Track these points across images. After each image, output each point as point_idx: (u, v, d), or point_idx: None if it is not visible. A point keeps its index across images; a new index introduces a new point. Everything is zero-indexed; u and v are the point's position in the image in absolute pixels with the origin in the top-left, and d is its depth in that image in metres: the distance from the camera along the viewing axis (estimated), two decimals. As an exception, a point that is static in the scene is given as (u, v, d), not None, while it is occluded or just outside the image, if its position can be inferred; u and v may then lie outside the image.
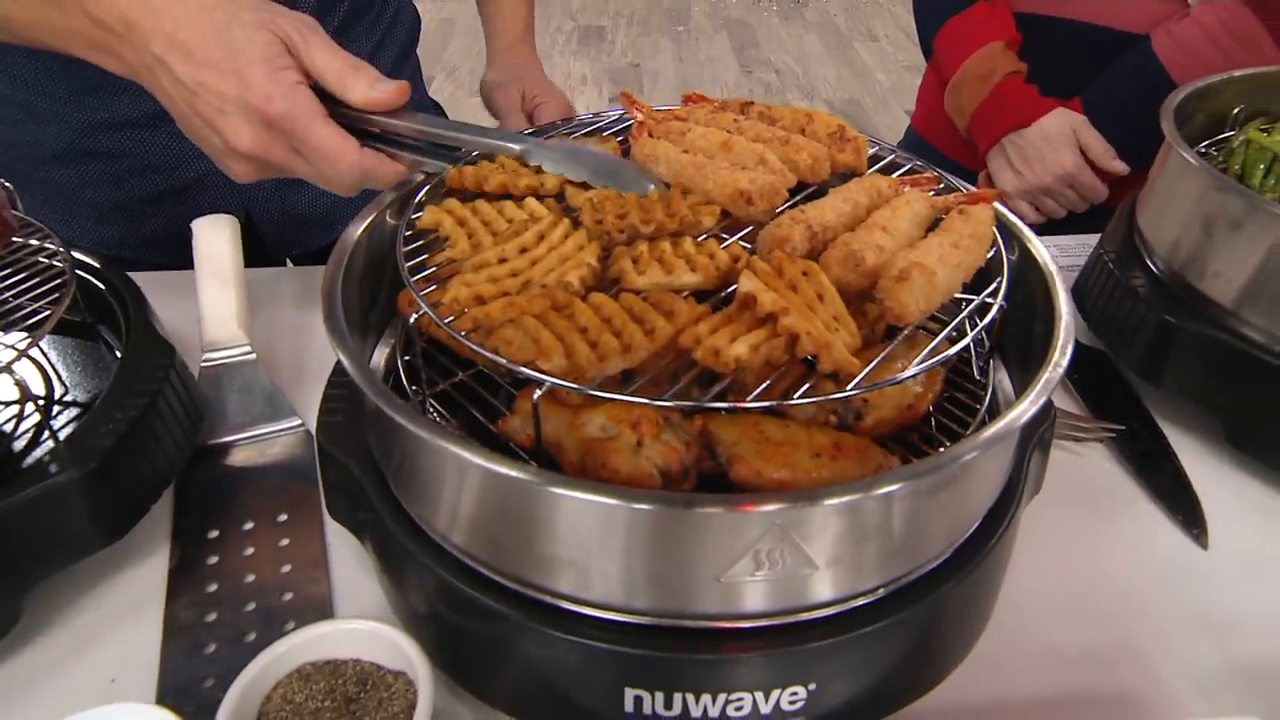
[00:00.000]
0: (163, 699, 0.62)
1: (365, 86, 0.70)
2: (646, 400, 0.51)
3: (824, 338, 0.51)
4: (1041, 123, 1.27)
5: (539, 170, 0.72)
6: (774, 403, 0.52)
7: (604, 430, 0.54)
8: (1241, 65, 1.03)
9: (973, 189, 0.72)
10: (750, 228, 0.67)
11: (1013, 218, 0.71)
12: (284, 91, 0.68)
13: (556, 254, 0.61)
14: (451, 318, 0.57)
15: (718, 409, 0.55)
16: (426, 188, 0.73)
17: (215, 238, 0.92)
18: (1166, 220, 0.89)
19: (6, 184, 0.77)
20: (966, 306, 0.62)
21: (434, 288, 0.62)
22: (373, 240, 0.71)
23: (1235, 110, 1.01)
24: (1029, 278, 0.67)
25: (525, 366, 0.52)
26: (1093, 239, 1.04)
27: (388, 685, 0.59)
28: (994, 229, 0.66)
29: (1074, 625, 0.70)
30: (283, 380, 0.88)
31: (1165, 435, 0.86)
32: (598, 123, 0.83)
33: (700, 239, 0.64)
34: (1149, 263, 0.90)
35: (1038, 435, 0.65)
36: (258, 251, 1.15)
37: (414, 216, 0.69)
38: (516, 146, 0.72)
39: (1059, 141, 1.26)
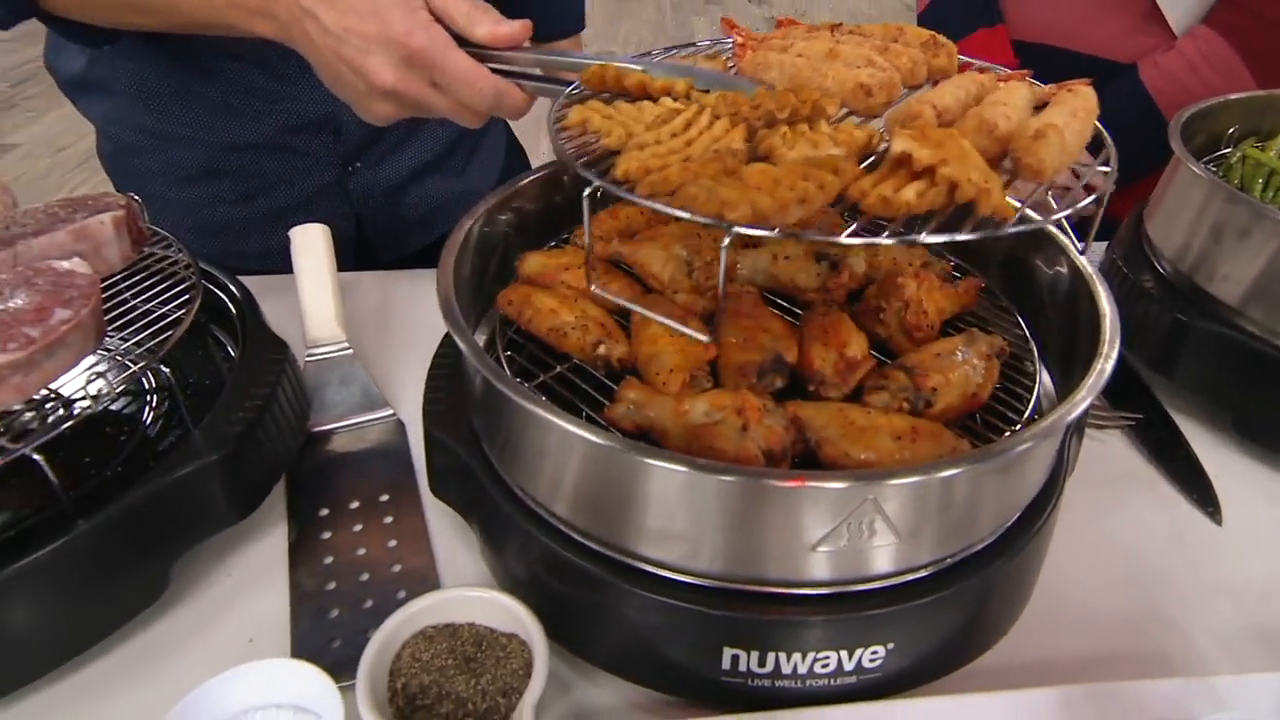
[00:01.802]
0: (297, 656, 0.63)
1: (491, 23, 0.72)
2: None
3: (982, 184, 0.50)
4: None
5: None
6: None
7: (708, 416, 0.55)
8: (1220, 92, 1.04)
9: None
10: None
11: (1052, 228, 0.72)
12: (421, 26, 0.70)
13: (708, 136, 0.59)
14: (629, 187, 0.54)
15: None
16: (565, 95, 0.69)
17: (312, 244, 0.93)
18: (1175, 228, 0.90)
19: (136, 197, 0.78)
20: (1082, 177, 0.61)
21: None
22: (473, 242, 0.72)
23: (1230, 130, 1.03)
24: (1070, 282, 0.68)
25: (712, 218, 0.50)
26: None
27: (502, 646, 0.60)
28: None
29: (1107, 593, 0.71)
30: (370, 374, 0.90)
31: (1177, 424, 0.87)
32: (700, 49, 0.80)
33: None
34: (1158, 266, 0.92)
35: (1077, 421, 0.67)
36: (366, 255, 1.18)
37: (559, 117, 0.65)
38: (636, 66, 0.70)
39: None
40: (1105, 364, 0.57)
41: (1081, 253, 0.62)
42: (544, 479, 0.59)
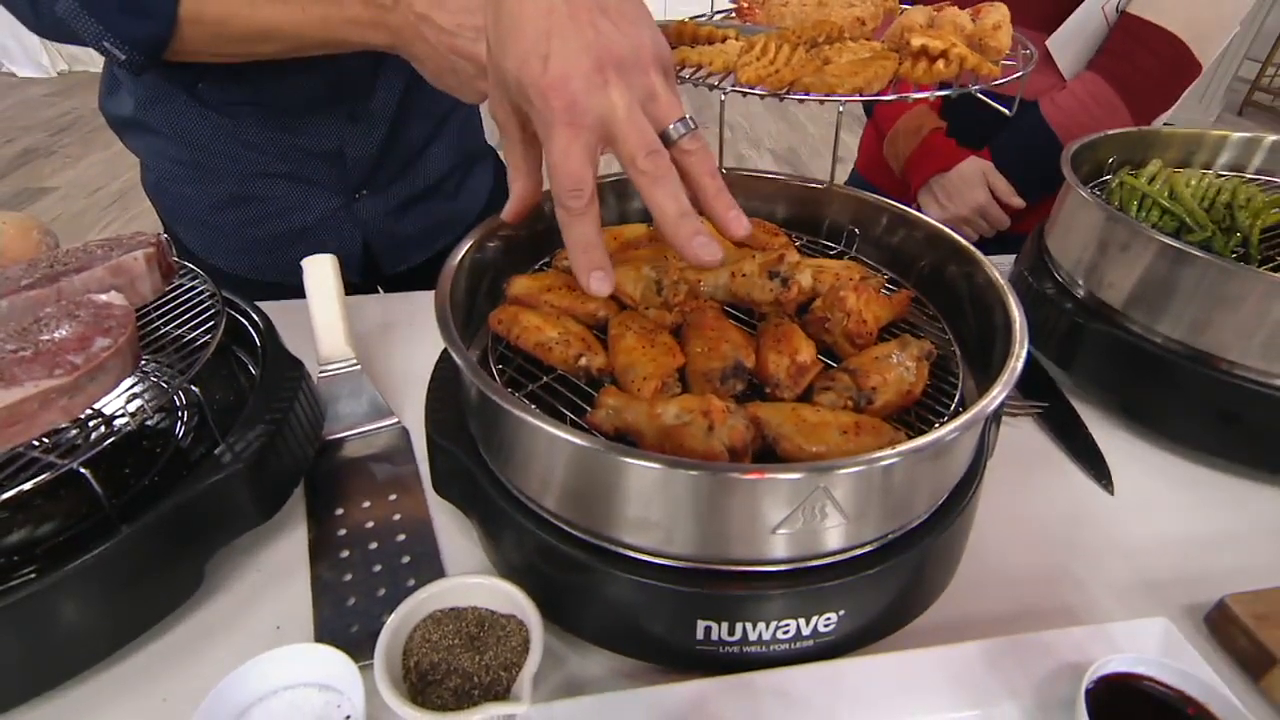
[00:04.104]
0: (320, 640, 0.61)
1: None
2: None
3: (977, 58, 0.66)
4: (959, 167, 1.30)
5: None
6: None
7: (678, 418, 0.54)
8: (1105, 126, 1.06)
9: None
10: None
11: (966, 243, 0.73)
12: None
13: (782, 55, 0.67)
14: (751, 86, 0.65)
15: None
16: None
17: (322, 273, 0.91)
18: (1069, 244, 0.91)
19: (164, 235, 0.76)
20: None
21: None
22: (466, 267, 0.71)
23: (1110, 159, 1.05)
24: (986, 293, 0.68)
25: (825, 94, 0.61)
26: (999, 259, 1.07)
27: (502, 626, 0.59)
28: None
29: (1022, 557, 0.71)
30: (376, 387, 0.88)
31: (1076, 410, 0.89)
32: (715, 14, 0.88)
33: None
34: (1057, 276, 0.93)
35: (995, 412, 0.67)
36: (371, 269, 1.18)
37: None
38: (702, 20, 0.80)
39: (973, 182, 1.29)
40: (1016, 363, 0.58)
41: (1010, 114, 0.71)
42: (535, 477, 0.59)
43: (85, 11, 0.78)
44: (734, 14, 0.80)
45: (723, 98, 0.66)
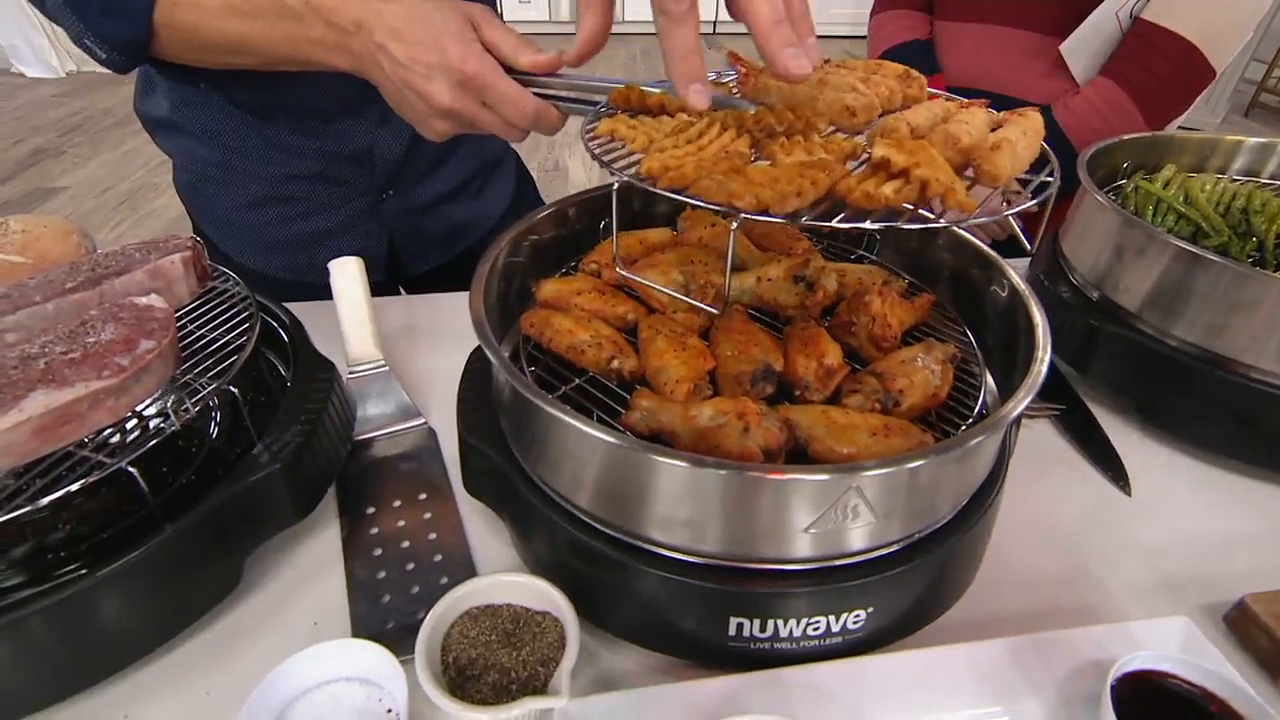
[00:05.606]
0: (356, 636, 0.62)
1: (532, 53, 0.72)
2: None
3: (949, 182, 0.50)
4: None
5: None
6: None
7: (713, 420, 0.56)
8: (1118, 131, 1.07)
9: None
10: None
11: (986, 249, 0.74)
12: (475, 55, 0.70)
13: (718, 143, 0.60)
14: (651, 180, 0.55)
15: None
16: (594, 112, 0.70)
17: (349, 275, 0.92)
18: (1084, 247, 0.92)
19: (198, 239, 0.77)
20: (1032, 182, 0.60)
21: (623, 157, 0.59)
22: (498, 270, 0.72)
23: (1125, 164, 1.06)
24: (1008, 298, 0.70)
25: (723, 205, 0.50)
26: (1014, 262, 1.08)
27: (537, 623, 0.60)
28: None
29: (1043, 557, 0.73)
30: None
31: (1092, 412, 0.90)
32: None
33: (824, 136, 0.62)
34: (1072, 279, 0.94)
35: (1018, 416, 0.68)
36: (394, 269, 1.19)
37: (590, 128, 0.65)
38: (656, 89, 0.70)
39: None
40: (1040, 367, 0.59)
41: (1030, 250, 0.62)
42: (567, 476, 0.60)
43: (69, 9, 0.80)
44: (736, 80, 0.73)
45: (615, 186, 0.58)
